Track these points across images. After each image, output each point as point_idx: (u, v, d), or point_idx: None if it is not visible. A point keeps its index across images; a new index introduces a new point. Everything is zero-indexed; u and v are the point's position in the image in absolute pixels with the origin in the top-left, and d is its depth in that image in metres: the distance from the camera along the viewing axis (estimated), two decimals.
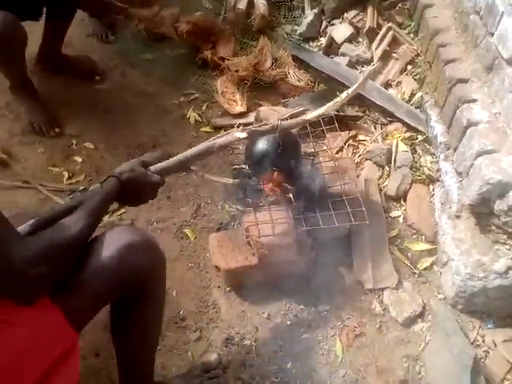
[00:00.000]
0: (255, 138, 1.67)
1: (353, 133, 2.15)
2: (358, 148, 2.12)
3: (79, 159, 2.10)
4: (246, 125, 2.15)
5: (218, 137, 1.45)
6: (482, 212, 1.64)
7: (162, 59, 2.48)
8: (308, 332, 1.68)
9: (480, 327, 1.69)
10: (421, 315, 1.73)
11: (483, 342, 1.66)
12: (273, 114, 1.99)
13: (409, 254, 1.87)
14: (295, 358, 1.62)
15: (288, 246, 1.64)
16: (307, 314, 1.72)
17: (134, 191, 1.18)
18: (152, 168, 1.26)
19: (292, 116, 1.65)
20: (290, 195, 1.67)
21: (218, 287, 1.76)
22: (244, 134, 1.42)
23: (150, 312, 1.24)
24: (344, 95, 1.58)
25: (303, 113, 1.67)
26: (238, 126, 1.56)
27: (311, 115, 1.58)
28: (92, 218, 1.05)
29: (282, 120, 1.57)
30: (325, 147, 1.98)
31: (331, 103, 1.59)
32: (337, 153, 2.03)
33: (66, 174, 2.02)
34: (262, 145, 1.70)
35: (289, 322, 1.70)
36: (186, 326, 1.67)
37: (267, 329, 1.68)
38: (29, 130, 2.13)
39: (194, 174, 1.56)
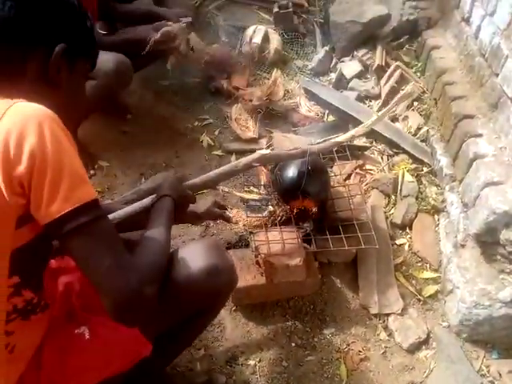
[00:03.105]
0: (285, 164, 1.70)
1: (360, 162, 2.22)
2: (365, 177, 2.17)
3: (93, 176, 2.14)
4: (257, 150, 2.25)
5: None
6: (488, 241, 1.68)
7: (179, 86, 2.58)
8: (313, 354, 1.68)
9: (485, 357, 1.69)
10: (425, 342, 1.74)
11: (488, 372, 1.66)
12: (284, 140, 2.06)
13: (414, 282, 1.89)
14: (299, 380, 1.62)
15: (296, 267, 1.66)
16: (312, 336, 1.72)
17: (180, 207, 1.20)
18: (184, 184, 1.31)
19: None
20: (310, 222, 1.71)
21: (225, 306, 1.77)
22: (267, 152, 1.46)
23: (203, 325, 1.30)
24: (374, 118, 1.63)
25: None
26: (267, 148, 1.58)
27: (342, 137, 1.63)
28: (169, 237, 1.06)
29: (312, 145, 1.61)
30: (333, 174, 2.03)
31: (361, 126, 1.64)
32: (345, 180, 2.08)
33: None
34: (291, 170, 1.70)
35: (294, 344, 1.70)
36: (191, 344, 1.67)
37: (272, 350, 1.68)
38: None
39: (220, 191, 1.59)
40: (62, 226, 0.79)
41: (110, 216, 1.18)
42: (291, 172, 1.68)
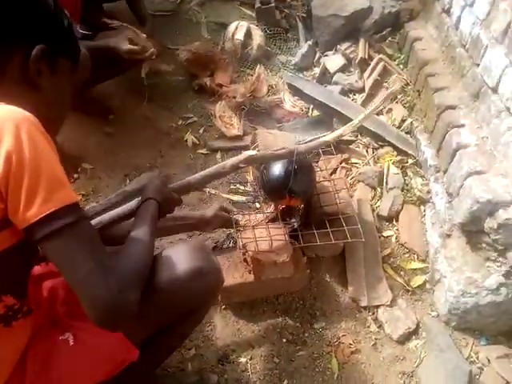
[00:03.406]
0: (271, 163, 1.70)
1: (345, 156, 2.22)
2: (350, 170, 2.18)
3: (77, 179, 2.12)
4: (242, 147, 2.25)
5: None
6: (473, 230, 1.69)
7: (161, 85, 2.55)
8: (304, 349, 1.69)
9: (474, 344, 1.72)
10: (415, 332, 1.75)
11: (477, 358, 1.68)
12: (268, 136, 2.05)
13: (402, 273, 1.90)
14: (291, 375, 1.62)
15: (284, 263, 1.66)
16: (303, 331, 1.73)
17: (165, 210, 1.20)
18: (170, 187, 1.29)
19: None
20: (297, 218, 1.72)
21: (213, 306, 1.76)
22: (254, 152, 1.45)
23: (191, 326, 1.29)
24: (361, 117, 1.62)
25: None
26: (253, 149, 1.57)
27: (329, 136, 1.63)
28: (153, 241, 1.05)
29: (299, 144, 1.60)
30: (319, 169, 2.03)
31: (349, 125, 1.63)
32: (331, 174, 2.09)
33: None
34: (278, 170, 1.69)
35: (284, 340, 1.70)
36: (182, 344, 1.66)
37: (263, 346, 1.68)
38: None
39: (206, 192, 1.58)
40: (39, 229, 0.77)
41: (95, 221, 1.16)
42: (278, 171, 1.68)
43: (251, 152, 1.43)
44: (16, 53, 0.86)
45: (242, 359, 1.65)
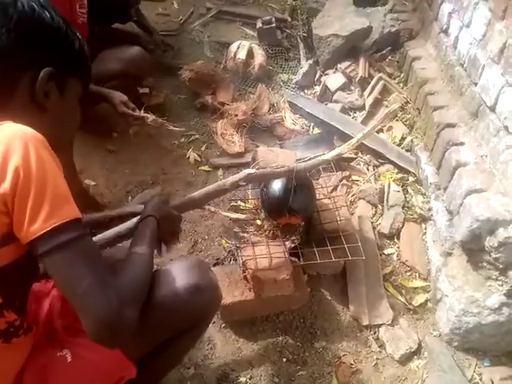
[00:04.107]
0: (270, 181, 1.71)
1: (346, 173, 2.23)
2: (351, 187, 2.19)
3: None
4: (243, 164, 2.26)
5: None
6: (473, 249, 1.68)
7: (163, 103, 2.58)
8: (304, 369, 1.67)
9: (477, 365, 1.69)
10: (417, 352, 1.73)
11: (480, 380, 1.66)
12: (269, 153, 2.06)
13: (403, 291, 1.89)
14: None
15: (284, 281, 1.65)
16: (303, 350, 1.71)
17: (164, 227, 1.20)
18: (170, 205, 1.30)
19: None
20: (297, 236, 1.72)
21: (213, 323, 1.75)
22: (253, 171, 1.46)
23: (189, 344, 1.29)
24: (360, 135, 1.63)
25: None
26: (253, 167, 1.57)
27: (328, 155, 1.64)
28: (152, 258, 1.05)
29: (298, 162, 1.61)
30: (319, 186, 2.04)
31: (348, 144, 1.64)
32: (331, 191, 2.09)
33: None
34: (277, 188, 1.69)
35: (285, 359, 1.69)
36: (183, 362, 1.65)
37: (263, 366, 1.67)
38: None
39: (206, 210, 1.59)
40: (42, 244, 0.78)
41: (95, 238, 1.17)
42: (277, 190, 1.68)
43: (250, 170, 1.44)
44: (25, 75, 0.88)
45: (242, 378, 1.63)
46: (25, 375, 0.95)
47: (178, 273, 1.12)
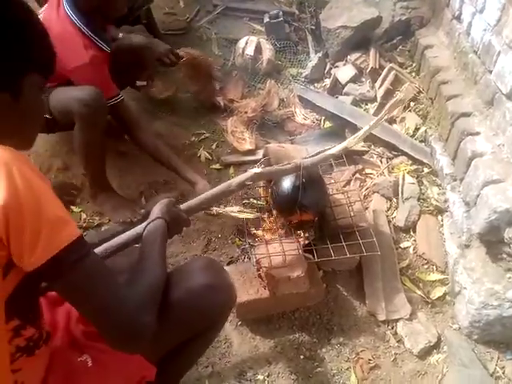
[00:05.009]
0: (279, 179, 1.69)
1: (359, 167, 2.20)
2: (365, 181, 2.16)
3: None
4: (254, 162, 2.25)
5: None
6: (492, 240, 1.65)
7: (173, 103, 2.58)
8: (322, 366, 1.66)
9: (499, 358, 1.66)
10: (436, 346, 1.71)
11: (503, 373, 1.62)
12: (280, 150, 2.05)
13: (421, 285, 1.86)
14: None
15: (298, 278, 1.64)
16: (320, 347, 1.70)
17: (174, 230, 1.21)
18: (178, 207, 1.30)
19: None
20: (311, 232, 1.70)
21: (230, 321, 1.74)
22: (259, 170, 1.45)
23: (206, 344, 1.28)
24: (366, 128, 1.60)
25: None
26: (259, 165, 1.57)
27: (335, 149, 1.62)
28: (164, 260, 1.06)
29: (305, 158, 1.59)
30: (332, 181, 2.02)
31: (353, 137, 1.62)
32: (344, 186, 2.07)
33: (83, 215, 2.04)
34: (286, 185, 1.68)
35: (302, 356, 1.68)
36: (198, 362, 1.64)
37: (280, 363, 1.66)
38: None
39: (214, 212, 1.59)
40: (46, 271, 0.77)
41: (104, 246, 1.17)
42: (286, 187, 1.66)
43: (256, 169, 1.43)
44: None
45: (260, 376, 1.63)
46: (48, 382, 0.96)
47: (192, 274, 1.11)
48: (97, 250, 1.14)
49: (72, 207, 2.04)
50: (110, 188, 2.04)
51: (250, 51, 2.66)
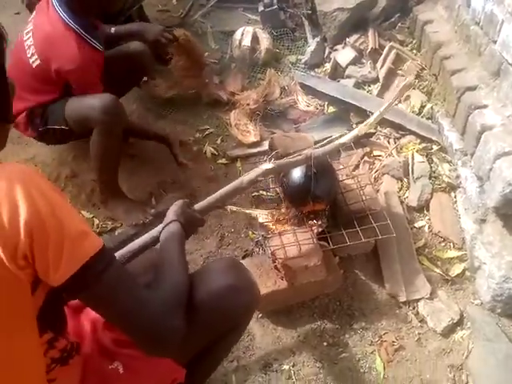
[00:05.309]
0: (289, 171, 1.67)
1: (367, 149, 2.18)
2: (374, 164, 2.14)
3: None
4: (260, 153, 2.24)
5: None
6: (508, 213, 1.64)
7: (175, 100, 2.56)
8: (346, 351, 1.66)
9: None
10: (459, 323, 1.70)
11: None
12: (285, 139, 2.03)
13: (439, 263, 1.85)
14: (336, 378, 1.60)
15: (315, 267, 1.63)
16: (343, 333, 1.70)
17: (190, 231, 1.22)
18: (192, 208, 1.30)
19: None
20: (324, 220, 1.69)
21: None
22: (270, 165, 1.43)
23: (232, 342, 1.28)
24: (376, 114, 1.58)
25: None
26: (269, 160, 1.55)
27: (346, 138, 1.60)
28: (185, 263, 1.06)
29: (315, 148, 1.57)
30: (341, 166, 2.00)
31: (364, 124, 1.59)
32: (353, 170, 2.05)
33: (95, 220, 2.05)
34: (297, 177, 1.65)
35: (325, 343, 1.68)
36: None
37: (304, 352, 1.66)
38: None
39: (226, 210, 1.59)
40: (73, 285, 0.78)
41: (122, 251, 1.17)
42: (297, 179, 1.64)
43: (267, 165, 1.42)
44: None
45: (285, 366, 1.63)
46: None
47: (215, 276, 1.11)
48: (119, 253, 1.15)
49: (83, 212, 2.06)
50: (120, 192, 2.05)
51: (246, 42, 2.63)
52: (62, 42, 1.76)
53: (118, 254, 1.15)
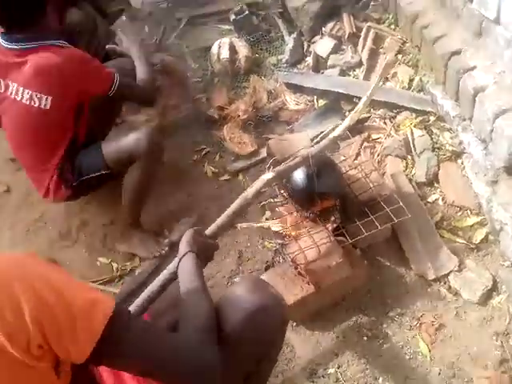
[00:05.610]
0: (291, 175, 1.67)
1: (365, 135, 2.16)
2: (374, 148, 2.12)
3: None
4: (260, 161, 2.23)
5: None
6: None
7: (167, 126, 2.55)
8: (387, 341, 1.64)
9: None
10: (494, 288, 1.68)
11: None
12: (282, 143, 2.02)
13: (460, 233, 1.83)
14: (383, 370, 1.58)
15: (338, 265, 1.62)
16: (381, 323, 1.68)
17: (205, 258, 1.22)
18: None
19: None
20: (336, 216, 1.68)
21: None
22: (271, 175, 1.43)
23: (273, 359, 1.27)
24: (364, 99, 1.57)
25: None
26: (268, 169, 1.55)
27: (339, 130, 1.59)
28: (207, 294, 1.05)
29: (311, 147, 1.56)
30: (342, 157, 1.98)
31: (354, 112, 1.59)
32: (355, 159, 2.03)
33: (114, 265, 2.04)
34: (299, 179, 1.65)
35: (365, 338, 1.66)
36: None
37: (346, 351, 1.64)
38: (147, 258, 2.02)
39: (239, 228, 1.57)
40: (96, 356, 0.77)
41: (144, 294, 1.16)
42: (300, 181, 1.64)
43: (267, 175, 1.41)
44: None
45: (331, 370, 1.62)
46: None
47: (241, 300, 1.09)
48: (138, 300, 1.14)
49: (100, 259, 2.07)
50: (140, 225, 2.05)
51: (225, 54, 2.63)
52: (59, 61, 1.68)
53: (140, 299, 1.14)
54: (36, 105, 1.71)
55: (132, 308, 1.11)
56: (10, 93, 1.73)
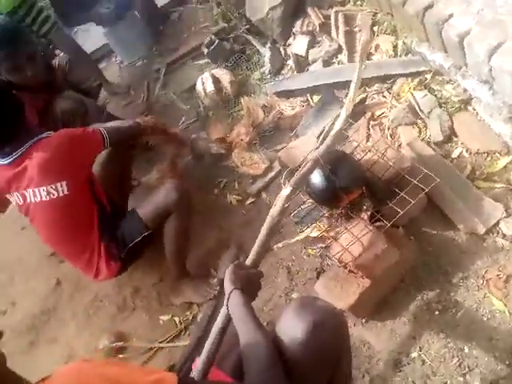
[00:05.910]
0: (307, 179, 1.67)
1: (368, 115, 2.14)
2: (382, 124, 2.09)
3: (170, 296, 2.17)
4: (276, 176, 2.23)
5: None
6: None
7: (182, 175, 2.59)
8: (460, 309, 1.60)
9: None
10: None
11: None
12: (291, 152, 2.02)
13: (496, 178, 1.77)
14: (466, 339, 1.54)
15: (385, 251, 1.59)
16: (447, 293, 1.64)
17: (252, 291, 1.21)
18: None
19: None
20: (368, 203, 1.66)
21: (354, 325, 1.71)
22: (289, 189, 1.43)
23: (347, 370, 1.26)
24: (353, 85, 1.56)
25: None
26: (283, 183, 1.55)
27: (339, 123, 1.58)
28: (261, 329, 1.06)
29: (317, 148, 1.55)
30: (355, 143, 1.96)
31: (347, 102, 1.58)
32: (367, 141, 2.01)
33: (176, 319, 2.07)
34: (317, 181, 1.65)
35: (437, 312, 1.62)
36: (353, 378, 1.62)
37: (423, 332, 1.61)
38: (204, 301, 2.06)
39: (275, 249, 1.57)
40: None
41: (206, 349, 1.15)
42: (319, 183, 1.64)
43: (286, 191, 1.41)
44: None
45: (414, 354, 1.58)
46: None
47: (294, 325, 1.09)
48: (202, 355, 1.14)
49: (161, 317, 2.10)
50: (187, 273, 2.09)
51: (210, 87, 2.67)
52: (53, 148, 1.76)
53: (203, 354, 1.14)
54: (56, 195, 1.77)
55: (199, 365, 1.11)
56: (29, 200, 1.80)
